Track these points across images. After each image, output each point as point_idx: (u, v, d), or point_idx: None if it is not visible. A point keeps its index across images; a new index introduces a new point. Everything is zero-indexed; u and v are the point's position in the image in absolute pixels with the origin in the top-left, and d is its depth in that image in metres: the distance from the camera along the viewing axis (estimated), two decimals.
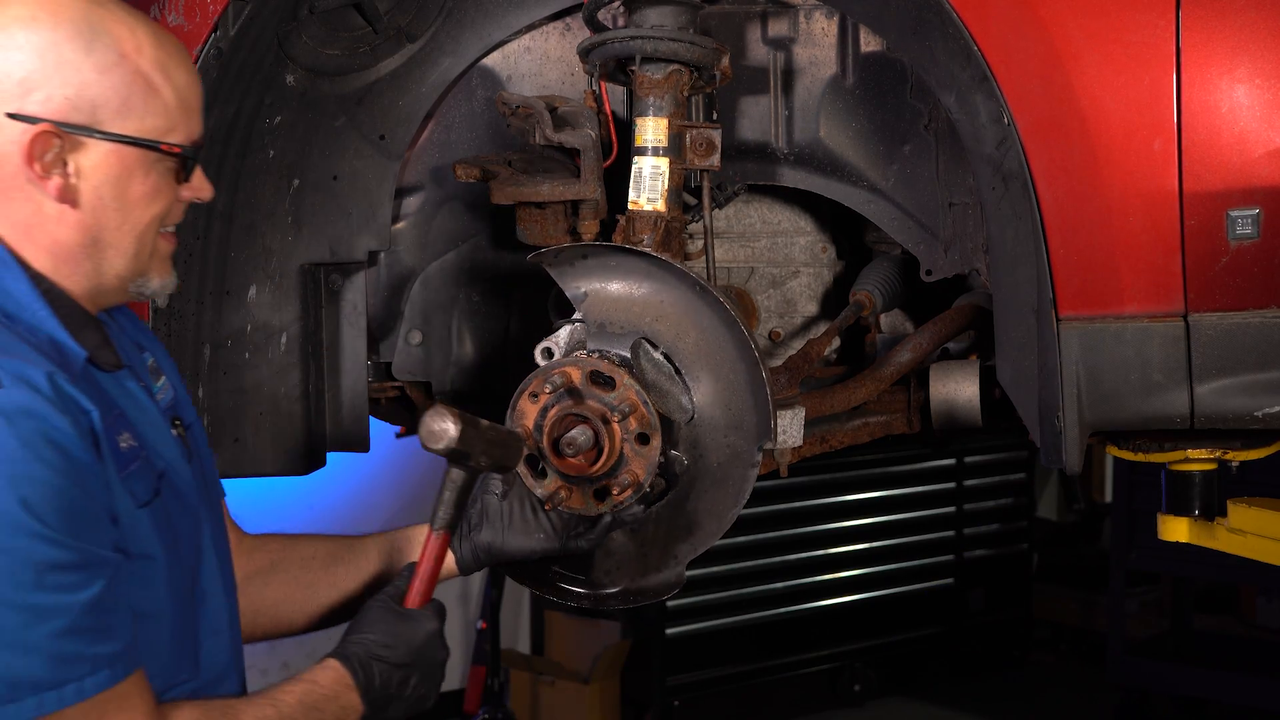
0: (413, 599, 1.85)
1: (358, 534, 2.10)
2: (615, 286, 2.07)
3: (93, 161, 1.62)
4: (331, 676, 1.74)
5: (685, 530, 2.09)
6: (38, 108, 1.59)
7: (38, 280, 1.62)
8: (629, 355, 2.03)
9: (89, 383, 1.60)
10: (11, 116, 1.58)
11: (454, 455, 1.83)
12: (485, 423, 1.86)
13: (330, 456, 2.53)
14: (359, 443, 2.55)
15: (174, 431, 1.75)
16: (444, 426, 1.79)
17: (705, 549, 2.10)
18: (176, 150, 1.67)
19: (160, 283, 1.72)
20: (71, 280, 1.65)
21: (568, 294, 2.08)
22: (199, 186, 1.72)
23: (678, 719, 5.59)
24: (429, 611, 1.85)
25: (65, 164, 1.61)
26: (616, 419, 1.96)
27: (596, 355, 2.02)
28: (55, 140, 1.59)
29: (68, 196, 1.61)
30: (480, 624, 5.27)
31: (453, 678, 5.79)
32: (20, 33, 1.59)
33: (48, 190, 1.60)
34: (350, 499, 5.36)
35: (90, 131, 1.61)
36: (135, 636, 1.56)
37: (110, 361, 1.67)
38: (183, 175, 1.69)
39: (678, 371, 2.04)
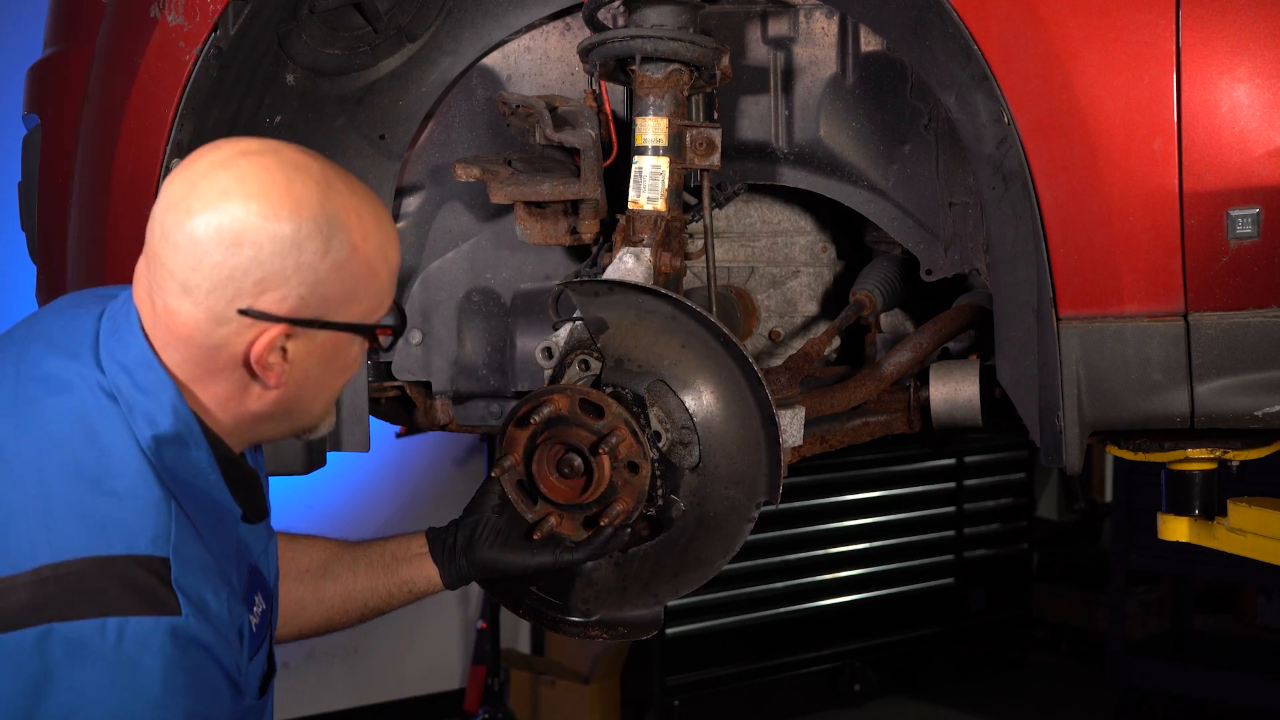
0: None
1: (355, 538, 2.09)
2: (638, 325, 2.02)
3: (309, 347, 1.61)
4: None
5: (670, 572, 2.06)
6: (272, 306, 1.56)
7: (215, 445, 1.62)
8: (644, 394, 2.00)
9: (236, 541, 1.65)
10: (244, 314, 1.55)
11: None
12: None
13: (330, 456, 2.53)
14: (359, 443, 2.55)
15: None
16: None
17: (686, 593, 2.08)
18: (388, 331, 1.68)
19: (327, 426, 1.74)
20: (243, 438, 1.67)
21: (588, 322, 2.04)
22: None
23: (678, 719, 5.59)
24: None
25: (284, 351, 1.60)
26: (605, 448, 1.94)
27: (609, 390, 1.99)
28: (283, 336, 1.58)
29: (281, 382, 1.61)
30: (480, 624, 5.26)
31: (453, 677, 5.80)
32: (263, 230, 1.54)
33: (264, 379, 1.60)
34: (350, 499, 5.36)
35: (317, 324, 1.60)
36: None
37: (258, 515, 1.71)
38: (378, 344, 1.71)
39: (690, 418, 2.01)
